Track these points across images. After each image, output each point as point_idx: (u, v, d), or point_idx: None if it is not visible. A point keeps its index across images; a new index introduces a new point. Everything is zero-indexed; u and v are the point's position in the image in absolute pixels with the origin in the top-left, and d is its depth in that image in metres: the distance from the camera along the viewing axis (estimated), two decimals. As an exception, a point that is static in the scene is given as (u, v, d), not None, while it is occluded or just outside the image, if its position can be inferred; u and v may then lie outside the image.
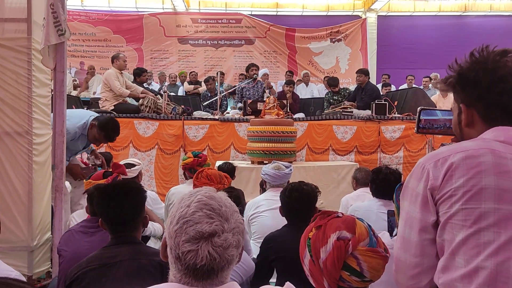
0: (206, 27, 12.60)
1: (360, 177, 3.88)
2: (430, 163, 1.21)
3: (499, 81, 1.21)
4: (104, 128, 3.69)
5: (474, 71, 1.24)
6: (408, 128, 6.53)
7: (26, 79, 3.14)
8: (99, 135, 3.71)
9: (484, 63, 1.23)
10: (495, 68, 1.21)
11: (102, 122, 3.73)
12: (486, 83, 1.22)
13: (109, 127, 3.74)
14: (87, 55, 12.16)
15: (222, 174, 3.38)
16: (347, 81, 11.70)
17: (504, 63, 1.21)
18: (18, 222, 3.14)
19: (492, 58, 1.23)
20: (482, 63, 1.23)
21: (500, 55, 1.23)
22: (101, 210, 1.96)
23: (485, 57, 1.24)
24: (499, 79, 1.21)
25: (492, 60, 1.22)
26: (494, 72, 1.21)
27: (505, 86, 1.21)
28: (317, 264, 1.41)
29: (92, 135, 3.73)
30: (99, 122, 3.71)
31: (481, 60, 1.24)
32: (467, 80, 1.25)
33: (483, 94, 1.23)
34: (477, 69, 1.23)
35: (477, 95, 1.24)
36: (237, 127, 6.55)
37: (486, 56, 1.24)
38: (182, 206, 1.08)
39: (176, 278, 1.07)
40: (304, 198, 2.41)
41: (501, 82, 1.21)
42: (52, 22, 3.01)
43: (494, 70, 1.21)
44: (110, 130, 3.74)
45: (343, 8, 12.84)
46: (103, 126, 3.70)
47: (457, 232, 1.14)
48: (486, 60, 1.23)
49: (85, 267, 1.80)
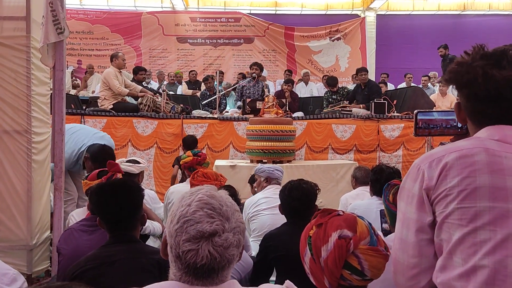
0: (205, 26, 12.59)
1: (359, 176, 3.88)
2: (425, 164, 1.21)
3: (464, 86, 1.21)
4: (97, 160, 3.58)
5: (452, 72, 1.23)
6: (407, 127, 6.53)
7: (25, 77, 3.13)
8: (95, 166, 3.56)
9: (461, 65, 1.21)
10: (465, 72, 1.20)
11: (94, 154, 3.65)
12: (457, 86, 1.23)
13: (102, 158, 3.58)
14: (85, 53, 12.13)
15: (218, 173, 3.43)
16: (347, 79, 11.70)
17: (474, 68, 1.18)
18: (17, 221, 3.13)
19: (470, 61, 1.20)
20: (460, 65, 1.22)
21: (479, 58, 1.19)
22: (99, 209, 1.96)
23: (468, 58, 1.21)
24: (465, 84, 1.20)
25: (467, 63, 1.20)
26: (463, 76, 1.20)
27: (469, 92, 1.20)
28: (318, 262, 1.41)
29: (88, 166, 3.70)
30: (91, 154, 3.66)
31: (463, 62, 1.22)
32: (451, 80, 1.25)
33: (460, 96, 1.24)
34: (455, 71, 1.23)
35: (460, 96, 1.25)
36: (236, 126, 6.55)
37: (470, 57, 1.21)
38: (183, 205, 1.07)
39: (176, 276, 1.07)
40: (303, 196, 2.41)
41: (465, 88, 1.21)
42: (51, 20, 3.00)
43: (463, 74, 1.20)
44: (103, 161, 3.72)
45: (342, 7, 12.83)
46: (96, 158, 3.60)
47: (453, 231, 1.14)
48: (464, 63, 1.21)
49: (83, 266, 1.79)
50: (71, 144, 3.73)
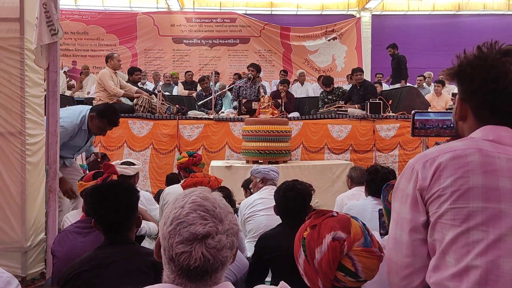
0: (200, 26, 12.58)
1: (355, 176, 3.88)
2: (419, 164, 1.22)
3: (492, 81, 1.19)
4: (104, 115, 3.69)
5: (472, 66, 1.22)
6: (402, 127, 6.55)
7: (19, 79, 3.11)
8: (102, 123, 3.71)
9: (484, 60, 1.20)
10: (492, 67, 1.19)
11: (100, 110, 3.73)
12: (479, 80, 1.20)
13: (109, 112, 3.74)
14: (80, 54, 12.09)
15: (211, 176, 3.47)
16: (343, 79, 11.71)
17: (503, 63, 1.18)
18: (12, 223, 3.11)
19: (493, 56, 1.20)
20: (482, 60, 1.21)
21: (502, 54, 1.19)
22: (94, 211, 1.95)
23: (488, 53, 1.21)
24: (493, 79, 1.19)
25: (492, 58, 1.19)
26: (490, 70, 1.19)
27: (496, 87, 1.19)
28: (312, 264, 1.41)
29: (95, 126, 3.72)
30: (97, 112, 3.71)
31: (483, 56, 1.21)
32: (465, 74, 1.23)
33: (476, 91, 1.22)
34: (475, 65, 1.21)
35: (471, 91, 1.23)
36: (232, 127, 6.55)
37: (489, 52, 1.21)
38: (176, 207, 1.07)
39: (170, 279, 1.07)
40: (298, 197, 2.40)
41: (493, 82, 1.19)
42: (45, 21, 2.98)
43: (490, 69, 1.19)
44: (111, 115, 3.75)
45: (337, 7, 12.87)
46: (103, 114, 3.70)
47: (446, 231, 1.15)
48: (487, 57, 1.20)
49: (78, 268, 1.78)
50: (72, 116, 3.68)
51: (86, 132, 3.77)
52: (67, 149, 3.72)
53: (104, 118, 3.69)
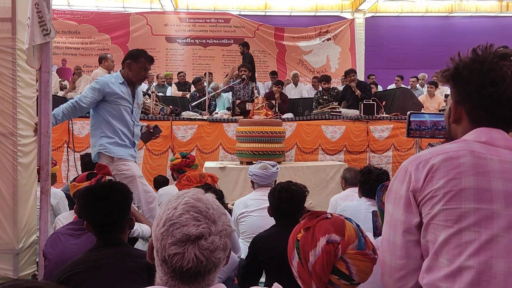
0: (194, 26, 12.56)
1: (349, 177, 3.89)
2: (412, 166, 1.22)
3: (489, 85, 1.20)
4: (138, 55, 3.61)
5: (469, 69, 1.22)
6: (396, 128, 6.58)
7: (11, 79, 3.09)
8: (140, 64, 3.60)
9: (481, 63, 1.21)
10: (489, 70, 1.19)
11: (132, 54, 3.65)
12: (477, 84, 1.21)
13: (140, 51, 3.68)
14: (70, 53, 11.98)
15: (205, 174, 3.41)
16: (337, 80, 11.74)
17: (500, 67, 1.19)
18: (3, 225, 3.08)
19: (491, 59, 1.20)
20: (479, 63, 1.21)
21: (500, 57, 1.20)
22: (86, 212, 1.93)
23: (485, 57, 1.21)
24: (491, 82, 1.19)
25: (489, 61, 1.20)
26: (488, 74, 1.19)
27: (494, 90, 1.19)
28: (306, 267, 1.40)
29: (135, 71, 3.59)
30: (130, 57, 3.62)
31: (480, 60, 1.21)
32: (461, 76, 1.24)
33: (472, 94, 1.22)
34: (472, 68, 1.22)
35: (467, 94, 1.24)
36: (225, 128, 6.54)
37: (486, 56, 1.21)
38: (169, 208, 1.06)
39: (163, 280, 1.06)
40: (292, 199, 2.40)
41: (491, 86, 1.19)
42: (37, 21, 2.95)
43: (488, 72, 1.19)
44: (143, 52, 3.68)
45: (331, 9, 12.91)
46: (136, 55, 3.61)
47: (439, 232, 1.15)
48: (484, 60, 1.21)
49: (70, 270, 1.77)
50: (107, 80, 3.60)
51: (126, 85, 3.63)
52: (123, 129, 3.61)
53: (140, 58, 3.59)
